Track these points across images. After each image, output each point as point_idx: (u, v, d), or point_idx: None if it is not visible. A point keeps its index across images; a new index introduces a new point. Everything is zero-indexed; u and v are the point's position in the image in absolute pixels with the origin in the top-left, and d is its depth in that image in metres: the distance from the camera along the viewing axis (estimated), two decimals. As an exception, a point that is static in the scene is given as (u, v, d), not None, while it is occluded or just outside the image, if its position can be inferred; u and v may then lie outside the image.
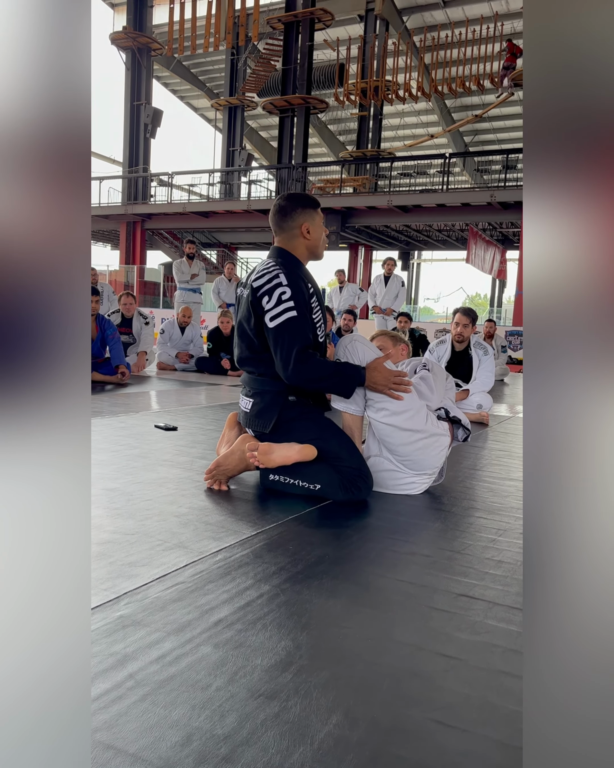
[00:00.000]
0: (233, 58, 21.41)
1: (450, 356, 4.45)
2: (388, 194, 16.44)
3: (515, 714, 0.94)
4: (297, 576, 1.39)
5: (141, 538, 1.56)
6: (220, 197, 20.66)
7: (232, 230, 21.10)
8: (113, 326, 5.36)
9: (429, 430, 2.10)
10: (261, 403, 2.14)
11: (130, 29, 19.54)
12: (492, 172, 23.76)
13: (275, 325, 2.02)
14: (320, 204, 2.25)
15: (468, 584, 1.41)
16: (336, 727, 0.87)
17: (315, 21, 17.97)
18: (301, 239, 2.19)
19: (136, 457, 2.46)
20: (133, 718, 0.87)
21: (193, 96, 28.72)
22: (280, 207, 2.20)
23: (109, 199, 20.90)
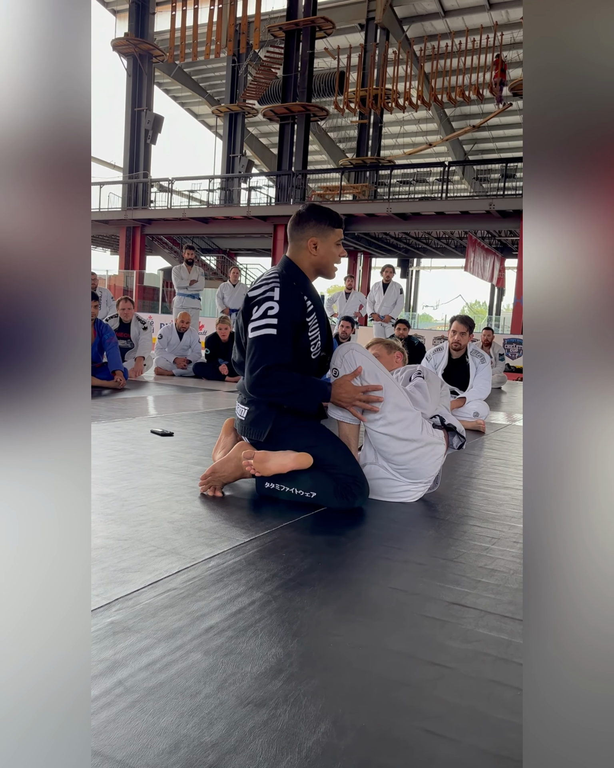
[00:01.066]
0: (234, 66, 21.54)
1: (447, 364, 4.46)
2: (388, 202, 16.51)
3: (505, 723, 0.93)
4: (289, 583, 1.39)
5: (134, 544, 1.56)
6: (220, 203, 20.73)
7: (231, 236, 21.17)
8: (111, 331, 5.37)
9: (424, 439, 2.10)
10: (255, 411, 2.13)
11: (132, 36, 19.67)
12: (491, 181, 23.85)
13: (253, 336, 2.04)
14: (342, 224, 2.20)
15: (461, 592, 1.41)
16: (324, 736, 0.87)
17: (316, 29, 18.11)
18: (306, 253, 2.17)
19: (131, 463, 2.46)
20: (121, 724, 0.86)
21: (194, 102, 28.86)
22: (297, 215, 2.19)
23: (109, 204, 20.97)
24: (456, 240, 20.19)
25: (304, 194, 18.58)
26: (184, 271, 8.69)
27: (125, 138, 20.78)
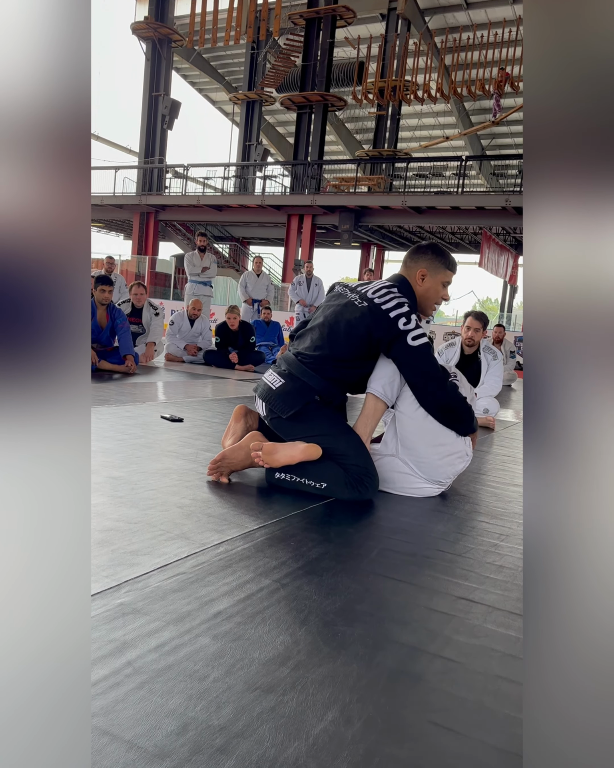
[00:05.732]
0: (253, 53, 21.39)
1: (459, 359, 4.44)
2: (403, 195, 16.42)
3: (511, 719, 0.93)
4: (297, 571, 1.39)
5: (143, 528, 1.56)
6: (235, 191, 20.66)
7: (245, 225, 21.12)
8: (123, 315, 5.37)
9: (455, 444, 2.14)
10: (291, 386, 2.12)
11: (152, 20, 19.56)
12: (508, 177, 23.69)
13: (419, 344, 2.08)
14: (455, 270, 2.30)
15: (468, 588, 1.41)
16: (331, 724, 0.87)
17: (336, 18, 17.95)
18: (413, 282, 2.26)
19: (141, 447, 2.47)
20: (129, 705, 0.87)
21: (212, 89, 28.72)
22: (417, 246, 2.32)
23: (124, 189, 20.93)
24: (471, 235, 20.07)
25: (319, 184, 18.49)
26: (197, 258, 8.68)
27: (142, 123, 20.71)
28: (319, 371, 2.12)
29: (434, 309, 2.34)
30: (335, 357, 2.13)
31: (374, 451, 2.18)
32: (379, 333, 2.08)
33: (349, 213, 16.98)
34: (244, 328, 6.95)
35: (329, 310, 2.23)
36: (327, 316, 2.21)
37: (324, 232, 19.91)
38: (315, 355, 2.14)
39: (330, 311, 2.22)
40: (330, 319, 2.19)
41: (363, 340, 2.11)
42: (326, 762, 0.80)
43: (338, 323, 2.16)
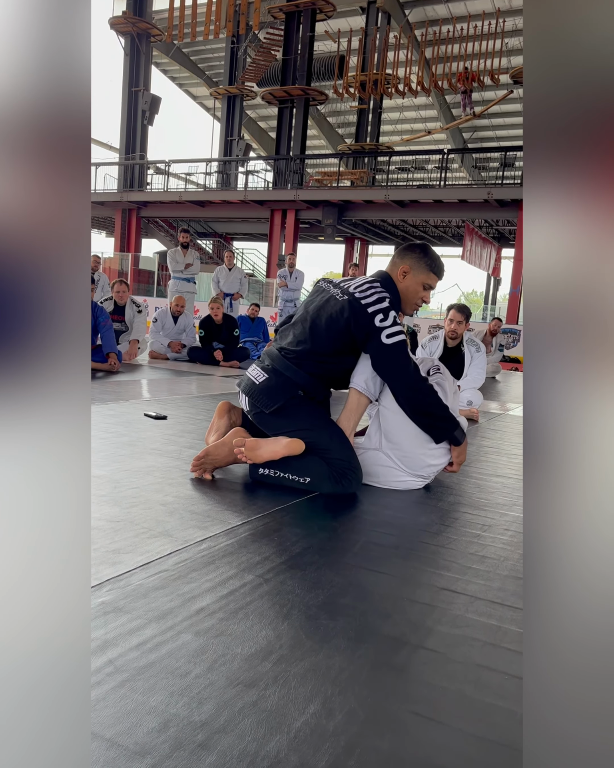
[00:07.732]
0: (233, 47, 21.25)
1: (443, 352, 4.45)
2: (385, 189, 16.41)
3: (492, 708, 0.94)
4: (281, 566, 1.39)
5: (126, 526, 1.55)
6: (217, 187, 20.55)
7: (228, 220, 21.01)
8: (106, 313, 5.33)
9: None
10: (274, 381, 2.12)
11: (130, 14, 19.37)
12: (489, 170, 23.72)
13: (392, 342, 2.06)
14: (441, 275, 2.29)
15: (451, 578, 1.42)
16: (313, 717, 0.88)
17: (316, 11, 17.88)
18: (396, 277, 2.25)
19: (124, 445, 2.46)
20: (110, 703, 0.87)
21: (192, 84, 28.52)
22: (408, 244, 2.31)
23: (105, 185, 20.77)
24: (454, 228, 20.10)
25: (302, 179, 18.45)
26: (180, 255, 8.63)
27: (122, 119, 20.52)
28: (302, 366, 2.13)
29: (415, 309, 2.33)
30: (317, 351, 2.13)
31: (358, 445, 2.19)
32: (356, 328, 2.08)
33: (332, 207, 16.96)
34: (227, 321, 6.92)
35: (312, 306, 2.23)
36: (309, 311, 2.21)
37: (307, 226, 19.86)
38: (298, 350, 2.14)
39: (312, 306, 2.22)
40: (312, 314, 2.19)
41: (343, 335, 2.11)
42: (307, 755, 0.80)
43: (319, 318, 2.16)
